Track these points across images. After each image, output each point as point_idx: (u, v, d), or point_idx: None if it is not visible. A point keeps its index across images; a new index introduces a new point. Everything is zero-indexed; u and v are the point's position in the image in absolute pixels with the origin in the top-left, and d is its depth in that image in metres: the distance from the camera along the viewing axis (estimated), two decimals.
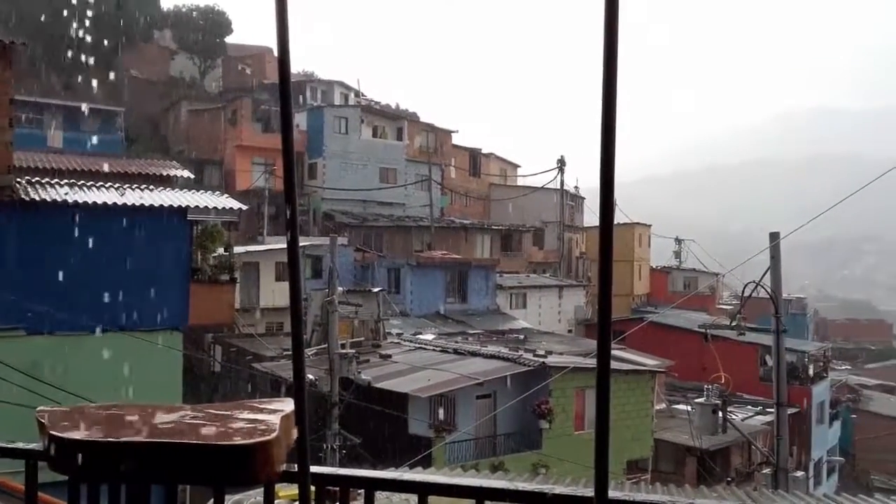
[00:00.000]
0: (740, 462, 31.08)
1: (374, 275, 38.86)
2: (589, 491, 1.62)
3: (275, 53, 1.58)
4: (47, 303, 15.87)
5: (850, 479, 44.57)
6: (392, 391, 22.19)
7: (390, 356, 26.06)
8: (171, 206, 18.57)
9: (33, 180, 18.55)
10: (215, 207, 19.79)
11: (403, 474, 2.14)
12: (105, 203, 17.49)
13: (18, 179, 17.79)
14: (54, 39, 46.35)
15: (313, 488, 1.93)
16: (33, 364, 15.21)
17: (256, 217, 41.12)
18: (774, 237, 15.63)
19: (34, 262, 16.49)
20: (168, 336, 18.34)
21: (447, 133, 59.54)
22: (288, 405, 1.94)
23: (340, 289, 24.35)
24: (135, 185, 19.93)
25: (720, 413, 18.63)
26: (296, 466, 1.78)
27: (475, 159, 61.73)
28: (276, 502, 2.11)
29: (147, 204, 18.22)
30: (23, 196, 16.86)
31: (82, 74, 48.24)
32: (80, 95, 44.28)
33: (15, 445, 2.26)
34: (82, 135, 39.27)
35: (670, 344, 36.21)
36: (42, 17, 47.18)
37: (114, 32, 51.68)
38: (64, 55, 46.33)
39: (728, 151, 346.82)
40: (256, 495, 7.86)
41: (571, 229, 59.04)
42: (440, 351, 27.56)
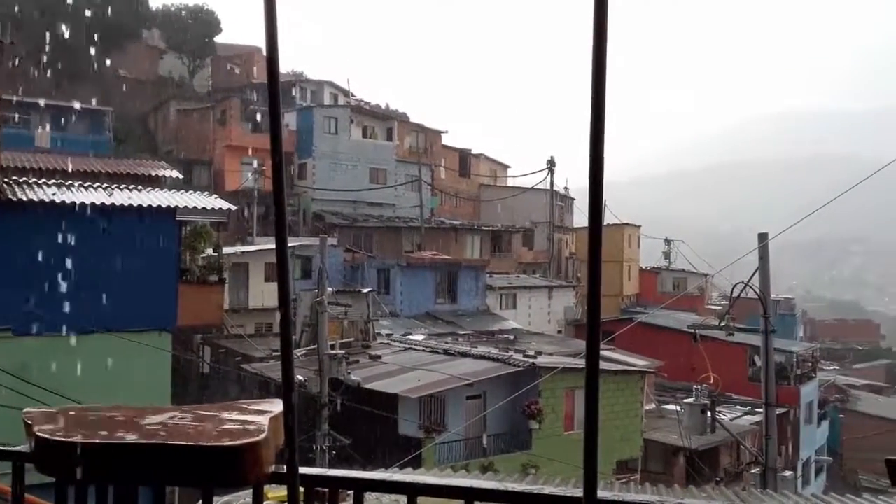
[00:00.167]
0: (729, 462, 31.19)
1: (364, 275, 38.81)
2: (578, 491, 1.62)
3: (264, 53, 1.57)
4: (35, 304, 15.77)
5: (838, 479, 44.83)
6: (382, 392, 22.16)
7: (380, 357, 26.03)
8: (160, 207, 18.50)
9: (20, 180, 18.44)
10: (204, 208, 19.73)
11: (392, 475, 2.14)
12: (93, 203, 17.40)
13: (5, 179, 17.68)
14: (42, 39, 46.14)
15: (302, 489, 1.92)
16: (21, 365, 15.11)
17: (245, 217, 41.02)
18: (763, 238, 15.70)
19: (22, 263, 16.38)
20: (156, 337, 18.26)
21: (437, 133, 59.54)
22: (277, 406, 1.93)
23: (330, 289, 24.31)
24: (123, 186, 19.84)
25: (709, 413, 18.71)
26: (285, 467, 1.78)
27: (465, 160, 61.76)
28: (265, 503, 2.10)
29: (135, 204, 18.14)
30: (10, 196, 16.76)
31: (70, 74, 48.03)
32: (68, 95, 44.04)
33: (1, 447, 2.24)
34: (70, 135, 39.07)
35: (659, 344, 36.32)
36: (30, 17, 46.96)
37: (102, 32, 51.51)
38: (52, 54, 46.10)
39: (718, 152, 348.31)
40: (245, 496, 7.83)
41: (561, 230, 59.14)
42: (430, 351, 27.55)
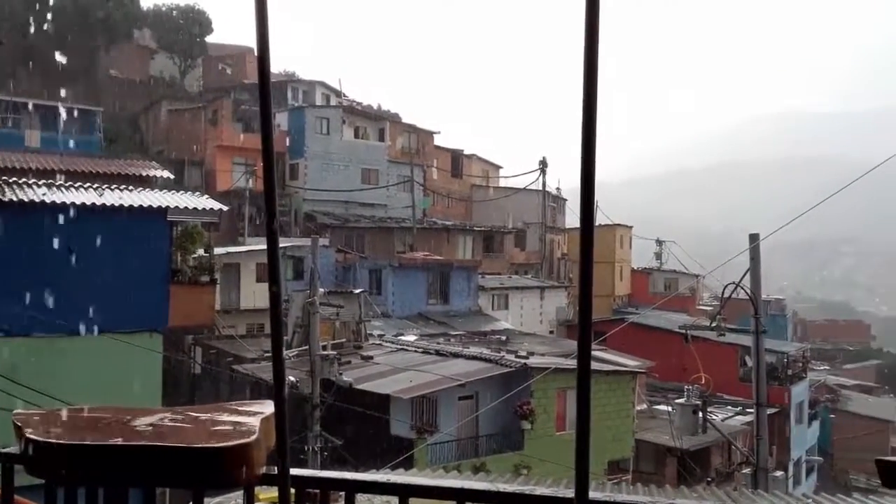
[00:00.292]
0: (720, 462, 31.28)
1: (356, 276, 38.77)
2: (570, 492, 1.63)
3: (255, 53, 1.57)
4: (25, 305, 15.70)
5: (829, 479, 45.00)
6: (374, 392, 22.14)
7: (372, 357, 26.01)
8: (151, 207, 18.45)
9: (10, 180, 18.35)
10: (195, 208, 19.68)
11: (384, 476, 2.13)
12: (84, 203, 17.35)
13: None
14: (32, 38, 45.95)
15: (293, 491, 1.92)
16: (11, 366, 15.04)
17: (237, 218, 40.91)
18: (754, 239, 15.75)
19: (12, 264, 16.31)
20: (147, 338, 18.22)
21: (429, 134, 59.53)
22: (268, 407, 1.93)
23: (322, 290, 24.27)
24: (114, 186, 19.78)
25: (700, 413, 18.75)
26: (276, 469, 1.77)
27: (457, 160, 61.76)
28: None
29: (126, 204, 18.09)
30: (0, 197, 16.68)
31: (61, 74, 47.83)
32: (58, 95, 43.86)
33: None
34: (60, 135, 38.90)
35: (651, 344, 36.39)
36: (19, 16, 46.75)
37: (93, 31, 51.32)
38: (42, 54, 45.90)
39: (709, 153, 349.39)
40: (236, 498, 7.81)
41: (553, 231, 59.22)
42: (422, 352, 27.54)
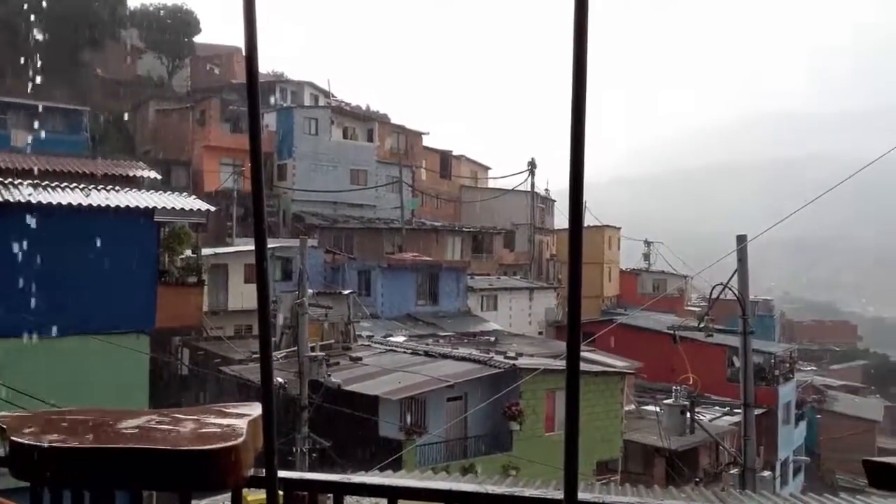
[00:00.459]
0: (708, 462, 31.39)
1: (345, 277, 38.71)
2: (559, 493, 1.62)
3: (243, 53, 1.56)
4: (11, 305, 15.59)
5: (816, 479, 45.24)
6: (362, 394, 22.11)
7: (360, 358, 25.97)
8: (138, 208, 18.36)
9: None
10: (183, 209, 19.61)
11: (372, 478, 2.13)
12: (70, 204, 17.25)
13: None
14: (18, 37, 45.63)
15: (281, 493, 1.91)
16: None
17: (225, 218, 40.75)
18: (741, 240, 15.82)
19: None
20: (134, 339, 18.13)
21: (418, 135, 59.53)
22: (256, 409, 1.92)
23: (310, 291, 24.21)
24: (100, 186, 19.68)
25: (688, 414, 18.81)
26: (263, 471, 1.76)
27: (446, 161, 61.79)
28: None
29: (113, 205, 18.00)
30: None
31: (47, 73, 47.52)
32: (45, 95, 43.60)
33: None
34: (47, 135, 38.68)
35: (639, 345, 36.51)
36: (5, 15, 46.43)
37: (80, 31, 51.05)
38: (28, 53, 45.61)
39: (698, 154, 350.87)
40: (224, 501, 7.77)
41: (542, 231, 59.32)
42: (411, 353, 27.53)
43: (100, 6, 52.64)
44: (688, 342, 26.12)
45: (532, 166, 52.79)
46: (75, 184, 19.52)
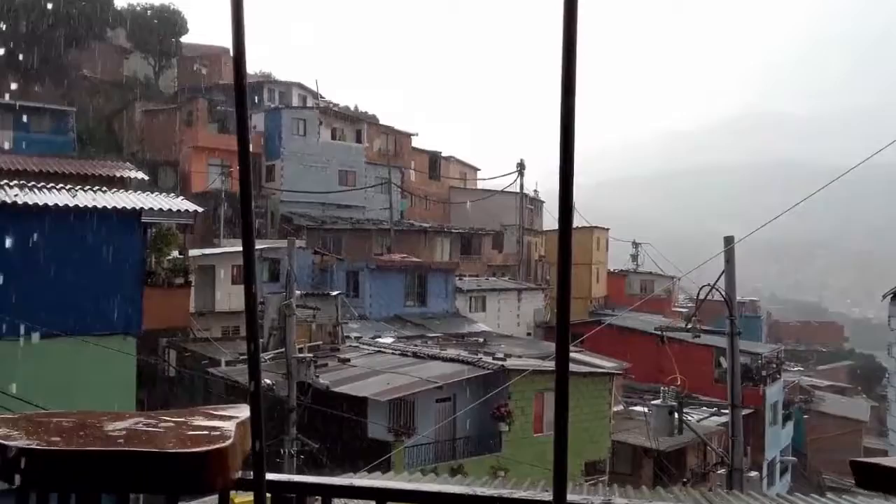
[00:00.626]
0: (696, 463, 31.51)
1: (333, 278, 38.65)
2: (548, 495, 1.62)
3: (231, 54, 1.55)
4: None
5: (803, 479, 45.48)
6: (351, 395, 22.07)
7: (349, 360, 25.92)
8: (125, 209, 18.27)
9: None
10: (170, 210, 19.53)
11: (360, 480, 2.12)
12: (56, 205, 17.15)
13: None
14: (3, 37, 45.36)
15: (269, 496, 1.90)
16: None
17: (212, 219, 40.62)
18: (729, 241, 15.90)
19: None
20: (121, 341, 18.03)
21: (407, 136, 59.55)
22: (243, 411, 1.91)
23: (298, 292, 24.17)
24: (87, 187, 19.58)
25: (676, 414, 18.87)
26: (251, 474, 1.76)
27: (435, 162, 61.82)
28: None
29: (100, 206, 17.90)
30: None
31: (33, 73, 47.26)
32: (31, 95, 43.34)
33: None
34: (33, 135, 38.40)
35: (627, 346, 36.60)
36: None
37: (65, 31, 50.74)
38: (13, 53, 45.33)
39: (687, 155, 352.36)
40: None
41: (531, 233, 59.41)
42: (399, 354, 27.50)
43: (86, 6, 52.34)
44: (675, 343, 26.22)
45: (521, 167, 52.87)
46: (62, 184, 19.42)
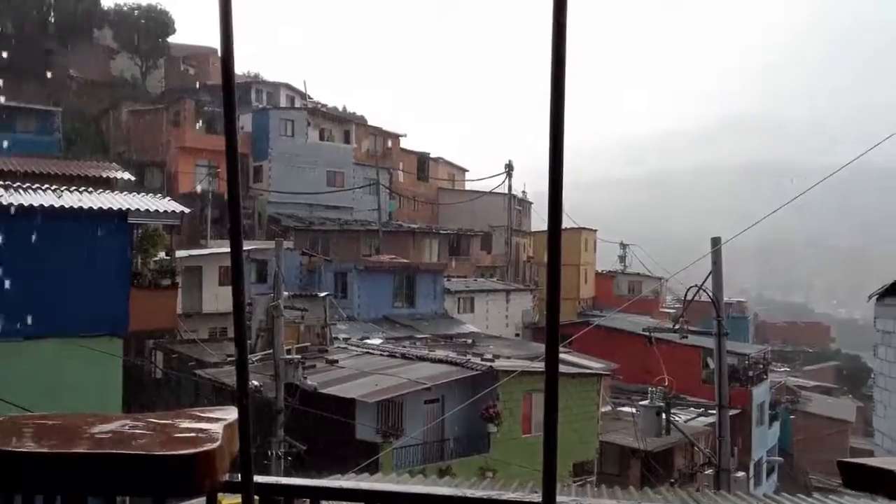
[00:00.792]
0: (683, 463, 31.60)
1: (321, 279, 38.57)
2: (537, 496, 1.62)
3: (219, 54, 1.55)
4: None
5: (789, 479, 45.70)
6: (339, 396, 22.03)
7: (337, 361, 25.87)
8: (111, 209, 18.18)
9: None
10: (157, 210, 19.44)
11: (348, 482, 2.12)
12: (42, 206, 17.04)
13: None
14: None
15: (257, 498, 1.89)
16: None
17: (199, 220, 40.47)
18: (716, 242, 15.97)
19: None
20: (108, 342, 17.93)
21: (395, 137, 59.51)
22: (231, 413, 1.90)
23: (286, 293, 24.10)
24: (73, 188, 19.47)
25: (664, 415, 18.93)
26: (239, 476, 1.75)
27: (423, 163, 61.79)
28: None
29: (86, 207, 17.81)
30: None
31: (19, 73, 46.95)
32: (17, 95, 43.05)
33: None
34: (19, 135, 38.16)
35: (615, 347, 36.70)
36: None
37: (52, 31, 50.48)
38: None
39: (673, 157, 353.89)
40: None
41: (519, 234, 59.47)
42: (388, 356, 27.47)
43: (73, 6, 52.07)
44: (663, 344, 26.30)
45: (509, 169, 52.93)
46: (47, 185, 19.31)
